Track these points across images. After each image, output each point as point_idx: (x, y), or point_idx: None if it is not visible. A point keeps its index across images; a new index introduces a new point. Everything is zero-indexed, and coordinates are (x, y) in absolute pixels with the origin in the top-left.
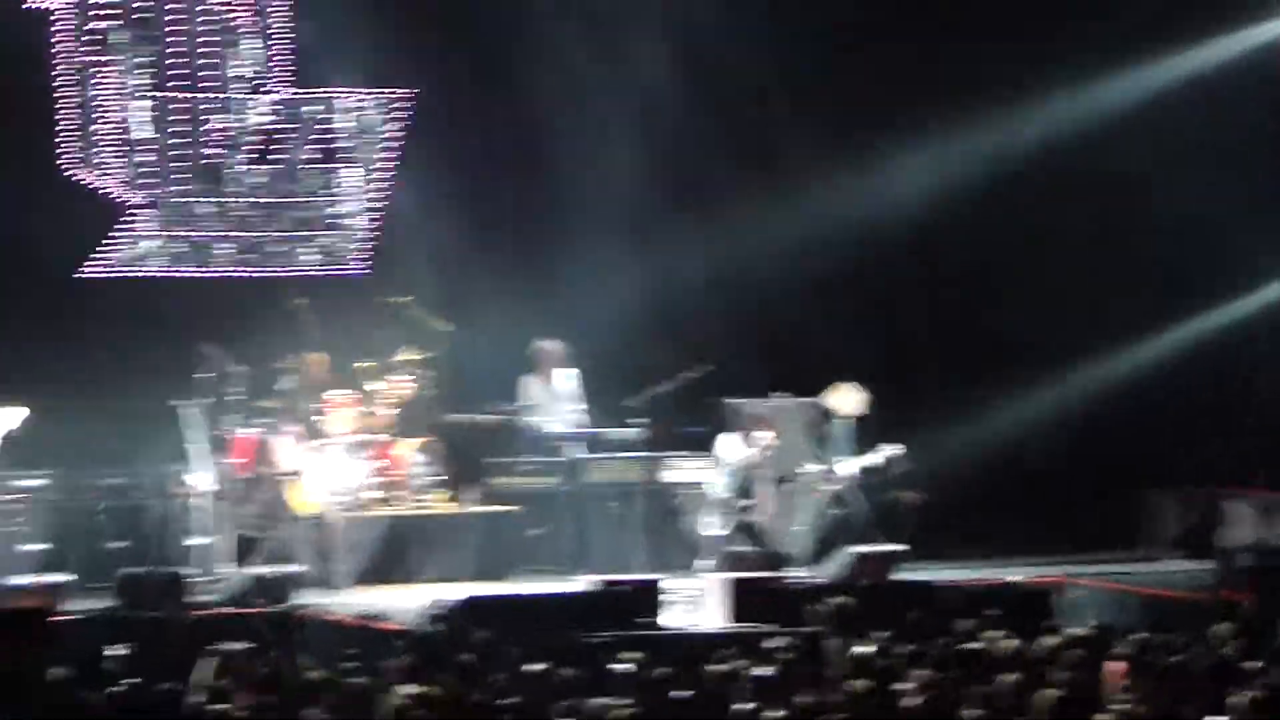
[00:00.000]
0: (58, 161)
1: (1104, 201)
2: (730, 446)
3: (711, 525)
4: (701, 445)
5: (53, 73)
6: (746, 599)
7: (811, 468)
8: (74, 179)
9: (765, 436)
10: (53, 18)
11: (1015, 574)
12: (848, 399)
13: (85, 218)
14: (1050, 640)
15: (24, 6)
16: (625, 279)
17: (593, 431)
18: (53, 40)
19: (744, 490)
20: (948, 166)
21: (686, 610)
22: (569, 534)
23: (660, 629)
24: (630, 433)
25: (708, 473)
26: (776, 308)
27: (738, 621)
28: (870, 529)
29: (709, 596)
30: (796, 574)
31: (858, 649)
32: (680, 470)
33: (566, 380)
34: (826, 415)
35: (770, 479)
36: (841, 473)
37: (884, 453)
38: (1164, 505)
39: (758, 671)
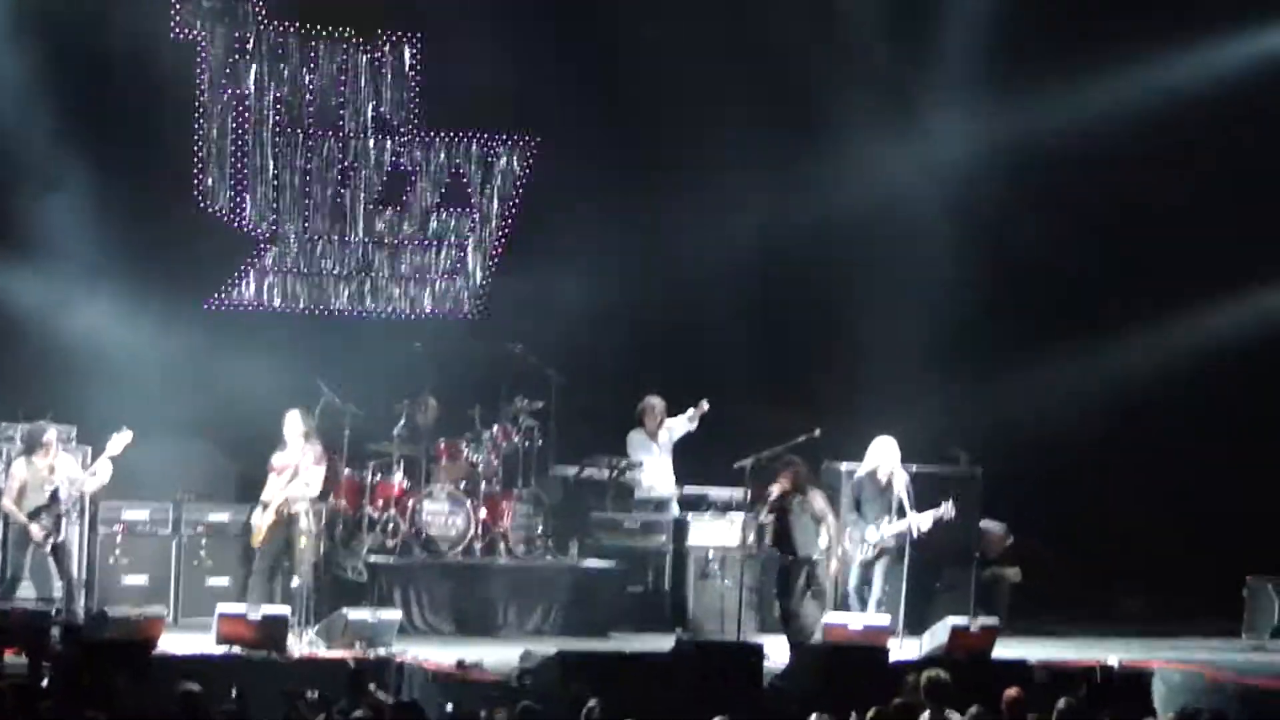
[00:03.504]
0: (192, 193)
1: None
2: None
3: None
4: None
5: (192, 105)
6: (843, 668)
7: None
8: (206, 211)
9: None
10: (196, 51)
11: (1114, 655)
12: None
13: (214, 250)
14: None
15: (171, 37)
16: (743, 338)
17: (699, 492)
18: (194, 73)
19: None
20: None
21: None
22: (670, 593)
23: (756, 693)
24: (736, 493)
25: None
26: (889, 369)
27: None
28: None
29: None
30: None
31: None
32: None
33: (668, 435)
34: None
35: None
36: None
37: (936, 513)
38: (1270, 594)
39: None
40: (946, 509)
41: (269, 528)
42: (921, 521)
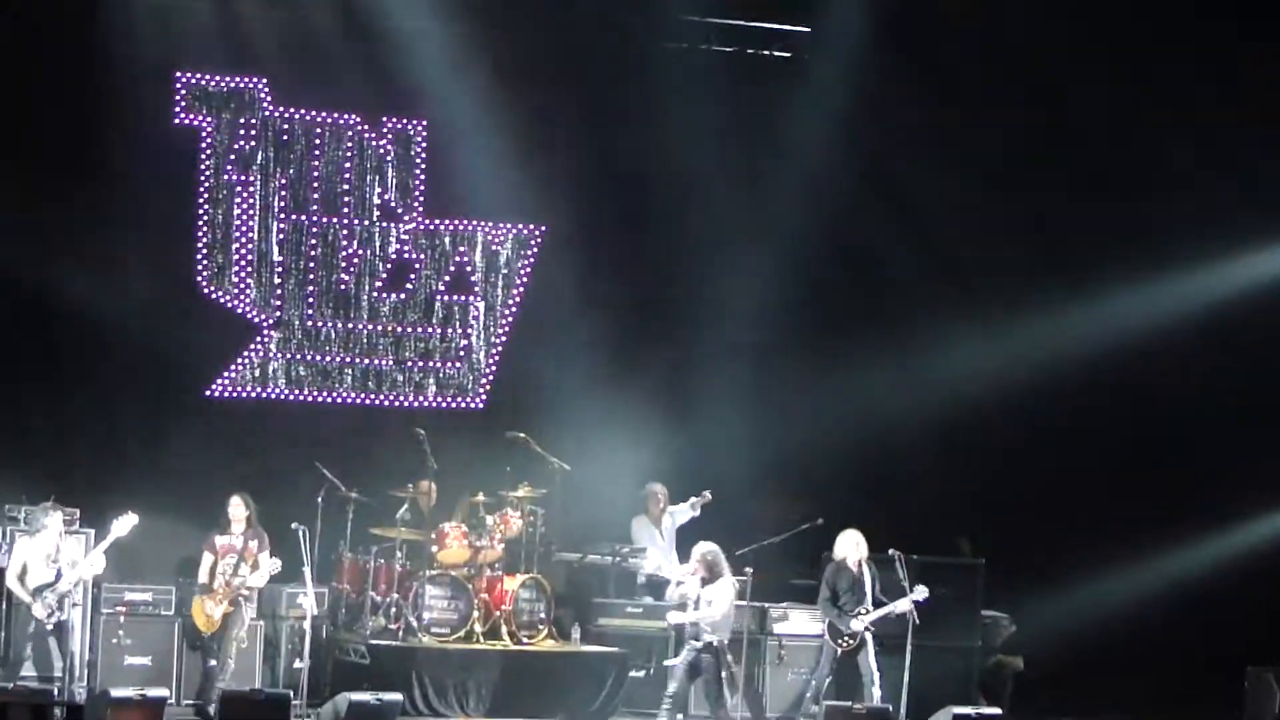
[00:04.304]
0: (195, 279)
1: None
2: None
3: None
4: (809, 597)
5: (195, 190)
6: None
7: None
8: (209, 297)
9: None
10: (200, 136)
11: None
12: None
13: (218, 336)
14: None
15: (174, 124)
16: (744, 429)
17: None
18: (198, 158)
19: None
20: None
21: None
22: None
23: None
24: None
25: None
26: (891, 461)
27: None
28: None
29: None
30: None
31: None
32: (787, 620)
33: (671, 521)
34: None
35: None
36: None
37: (913, 597)
38: (1270, 683)
39: None
40: (919, 591)
41: (223, 616)
42: (899, 606)
